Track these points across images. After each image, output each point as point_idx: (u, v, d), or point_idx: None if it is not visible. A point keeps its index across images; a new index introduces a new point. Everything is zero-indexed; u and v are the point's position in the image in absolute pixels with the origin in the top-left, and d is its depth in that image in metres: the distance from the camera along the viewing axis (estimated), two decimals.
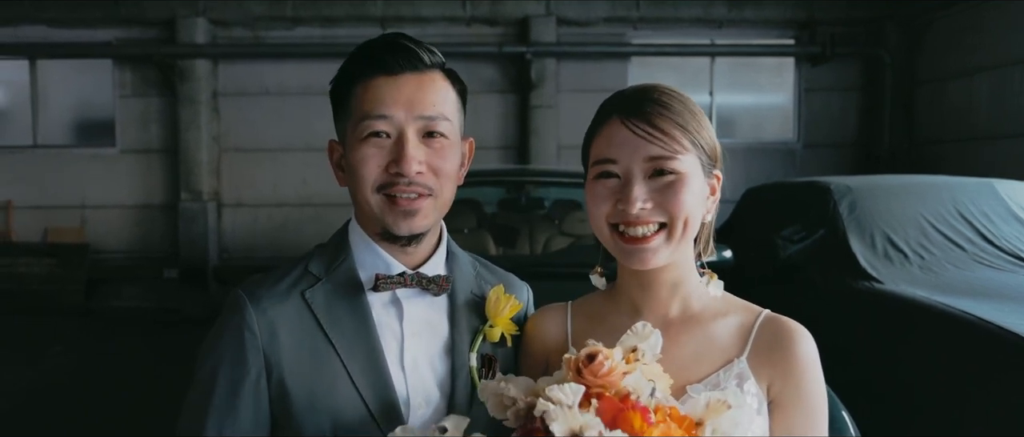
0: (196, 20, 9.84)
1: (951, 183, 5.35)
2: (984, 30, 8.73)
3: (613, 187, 1.28)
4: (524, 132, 10.13)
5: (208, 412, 1.31)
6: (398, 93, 1.35)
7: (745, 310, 1.35)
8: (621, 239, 1.28)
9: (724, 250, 4.22)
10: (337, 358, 1.33)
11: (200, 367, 1.36)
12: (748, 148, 10.41)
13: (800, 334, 1.29)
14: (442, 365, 1.41)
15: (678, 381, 1.21)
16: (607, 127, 1.30)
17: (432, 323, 1.43)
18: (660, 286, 1.34)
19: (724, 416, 1.10)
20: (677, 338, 1.31)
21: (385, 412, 1.33)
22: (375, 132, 1.34)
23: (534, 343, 1.45)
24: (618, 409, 1.06)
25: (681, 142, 1.25)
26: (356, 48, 1.40)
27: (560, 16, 10.04)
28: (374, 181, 1.35)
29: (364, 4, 9.86)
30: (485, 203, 6.01)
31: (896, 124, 10.18)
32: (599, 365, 1.12)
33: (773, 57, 10.69)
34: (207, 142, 10.04)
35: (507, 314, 1.44)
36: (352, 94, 1.37)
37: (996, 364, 3.39)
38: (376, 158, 1.35)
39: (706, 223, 1.36)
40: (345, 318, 1.37)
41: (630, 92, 1.32)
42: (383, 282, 1.37)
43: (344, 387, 1.32)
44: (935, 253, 4.70)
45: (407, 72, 1.36)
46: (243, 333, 1.32)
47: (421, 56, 1.37)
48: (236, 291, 1.38)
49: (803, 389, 1.27)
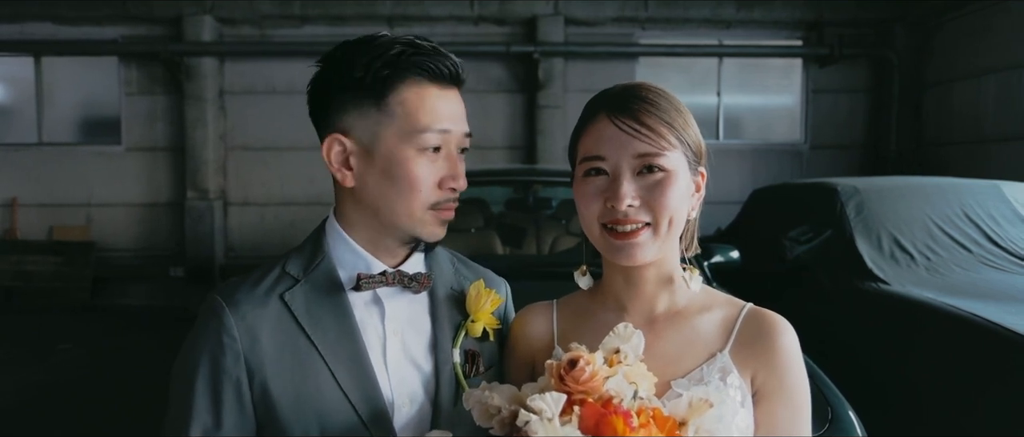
0: (203, 18, 9.85)
1: (958, 185, 5.35)
2: (992, 32, 8.71)
3: (601, 185, 1.29)
4: (531, 132, 10.13)
5: (190, 422, 1.29)
6: (451, 109, 1.36)
7: (729, 304, 1.37)
8: (610, 235, 1.29)
9: (731, 251, 4.23)
10: (321, 360, 1.32)
11: (177, 378, 1.34)
12: (755, 149, 10.40)
13: (782, 326, 1.31)
14: (426, 362, 1.41)
15: (663, 376, 1.24)
16: (595, 125, 1.31)
17: (414, 321, 1.43)
18: (645, 282, 1.35)
19: (707, 415, 1.11)
20: (662, 333, 1.33)
21: (372, 412, 1.32)
22: (433, 146, 1.34)
23: (520, 343, 1.46)
24: (601, 414, 1.06)
25: (668, 139, 1.27)
26: (380, 41, 1.34)
27: (568, 16, 10.03)
28: (428, 198, 1.36)
29: (372, 3, 9.85)
30: (492, 203, 6.02)
31: (904, 126, 10.15)
32: (580, 371, 1.12)
33: (781, 58, 10.66)
34: (214, 140, 10.05)
35: (488, 309, 1.45)
36: (395, 94, 1.33)
37: (1002, 365, 3.38)
38: (433, 174, 1.35)
39: (691, 220, 1.37)
40: (327, 319, 1.35)
41: (617, 90, 1.33)
42: (365, 281, 1.36)
43: (329, 389, 1.31)
44: (941, 255, 4.70)
45: (453, 87, 1.38)
46: (222, 338, 1.30)
47: (461, 69, 1.39)
48: (212, 296, 1.35)
49: (786, 380, 1.28)
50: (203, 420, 1.29)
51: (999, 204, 5.07)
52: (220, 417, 1.29)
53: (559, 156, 9.93)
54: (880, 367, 4.10)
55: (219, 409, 1.29)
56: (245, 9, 9.91)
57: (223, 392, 1.29)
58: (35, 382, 6.31)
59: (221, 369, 1.29)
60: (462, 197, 1.48)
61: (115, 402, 5.78)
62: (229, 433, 1.29)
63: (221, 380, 1.29)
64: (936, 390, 3.73)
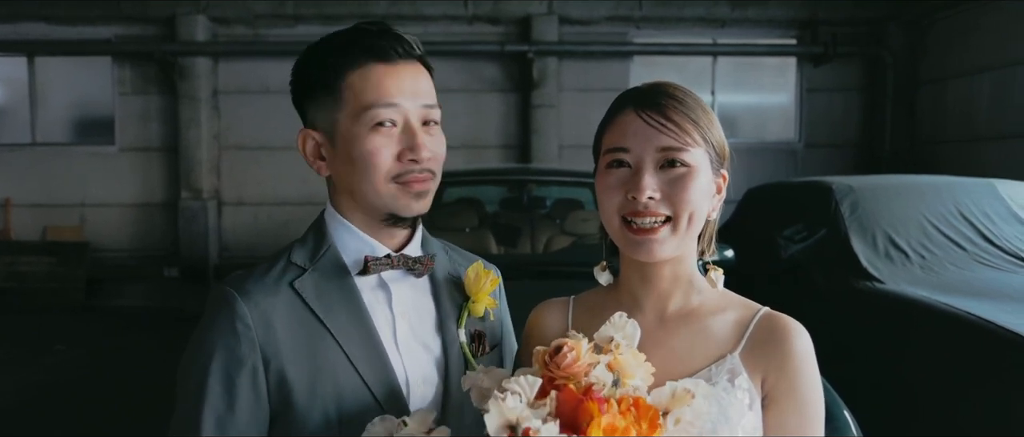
0: (196, 17, 9.83)
1: (952, 183, 5.36)
2: (986, 31, 8.73)
3: (623, 176, 1.29)
4: (526, 131, 10.13)
5: (203, 410, 1.28)
6: (400, 82, 1.37)
7: (744, 306, 1.36)
8: (629, 230, 1.29)
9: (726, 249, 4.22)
10: (335, 344, 1.34)
11: (188, 370, 1.34)
12: (750, 148, 10.40)
13: (795, 329, 1.30)
14: (434, 344, 1.44)
15: (671, 374, 1.24)
16: (621, 118, 1.32)
17: (418, 304, 1.46)
18: (661, 280, 1.35)
19: (690, 406, 1.11)
20: (674, 331, 1.33)
21: (387, 394, 1.35)
22: (383, 121, 1.35)
23: (535, 337, 1.45)
24: (578, 400, 1.07)
25: (692, 135, 1.28)
26: (332, 36, 1.40)
27: (562, 15, 10.04)
28: (388, 171, 1.37)
29: (366, 2, 9.86)
30: (487, 202, 6.02)
31: (898, 124, 10.18)
32: (562, 357, 1.14)
33: (775, 57, 10.70)
34: (207, 140, 10.04)
35: (488, 289, 1.48)
36: (343, 82, 1.37)
37: (997, 364, 3.39)
38: (388, 147, 1.36)
39: (710, 221, 1.38)
40: (337, 304, 1.37)
41: (645, 87, 1.34)
42: (373, 264, 1.39)
43: (345, 372, 1.33)
44: (936, 253, 4.71)
45: (402, 61, 1.39)
46: (236, 326, 1.31)
47: (413, 45, 1.40)
48: (221, 287, 1.36)
49: (797, 384, 1.28)
50: (217, 409, 1.29)
51: (994, 202, 5.08)
52: (234, 406, 1.29)
53: (553, 155, 9.94)
54: (875, 366, 4.11)
55: (233, 398, 1.29)
56: (238, 8, 9.90)
57: (238, 381, 1.29)
58: (33, 382, 6.31)
59: (236, 358, 1.30)
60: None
61: (112, 402, 5.77)
62: (243, 421, 1.30)
63: (236, 369, 1.30)
64: (931, 389, 3.74)
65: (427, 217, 1.50)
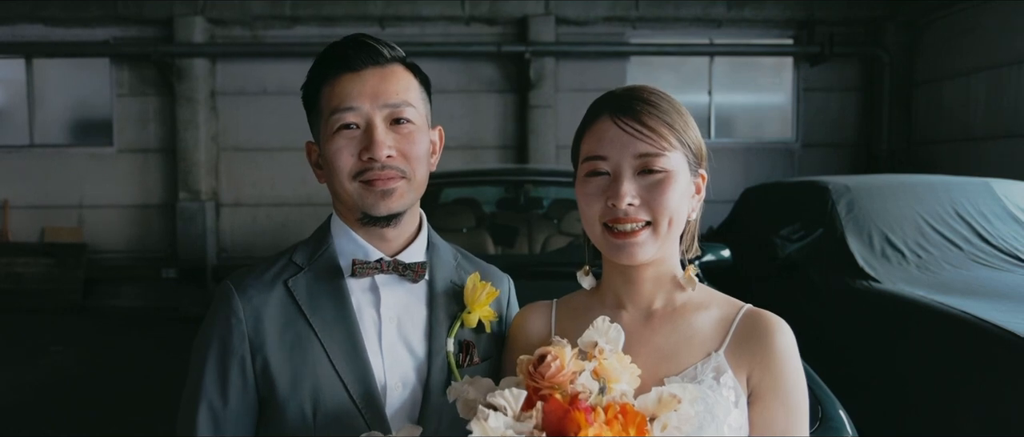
0: (194, 19, 9.83)
1: (948, 183, 5.37)
2: (982, 31, 8.75)
3: (603, 184, 1.31)
4: (523, 131, 10.13)
5: (201, 392, 1.39)
6: (363, 86, 1.42)
7: (727, 304, 1.38)
8: (610, 235, 1.31)
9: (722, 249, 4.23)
10: (317, 341, 1.40)
11: (192, 359, 1.44)
12: (747, 148, 10.42)
13: (778, 326, 1.31)
14: (420, 349, 1.47)
15: (657, 373, 1.26)
16: (597, 125, 1.34)
17: (410, 309, 1.49)
18: (644, 281, 1.37)
19: (676, 412, 1.11)
20: (658, 329, 1.35)
21: (363, 392, 1.39)
22: (345, 124, 1.42)
23: (518, 341, 1.47)
24: (564, 411, 1.07)
25: (669, 140, 1.30)
26: (320, 53, 1.48)
27: (559, 15, 10.04)
28: (350, 170, 1.42)
29: (364, 3, 9.84)
30: (484, 202, 6.01)
31: (894, 124, 10.19)
32: (546, 366, 1.14)
33: (772, 57, 10.70)
34: (205, 141, 10.03)
35: (484, 301, 1.49)
36: (321, 94, 1.46)
37: (993, 362, 3.40)
38: (348, 148, 1.42)
39: (691, 221, 1.40)
40: (325, 303, 1.43)
41: (620, 92, 1.36)
42: (360, 267, 1.44)
43: (324, 369, 1.39)
44: (932, 252, 4.72)
45: (369, 67, 1.44)
46: (230, 319, 1.40)
47: (381, 51, 1.45)
48: (225, 282, 1.46)
49: (781, 381, 1.29)
50: (210, 397, 1.39)
51: (989, 202, 5.09)
52: (226, 394, 1.39)
53: (550, 155, 9.94)
54: (871, 365, 4.12)
55: (226, 387, 1.39)
56: (236, 10, 9.89)
57: (230, 370, 1.39)
58: (29, 382, 6.31)
59: (228, 349, 1.39)
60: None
61: (108, 402, 5.78)
62: (233, 409, 1.39)
63: (228, 359, 1.39)
64: (927, 388, 3.75)
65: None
